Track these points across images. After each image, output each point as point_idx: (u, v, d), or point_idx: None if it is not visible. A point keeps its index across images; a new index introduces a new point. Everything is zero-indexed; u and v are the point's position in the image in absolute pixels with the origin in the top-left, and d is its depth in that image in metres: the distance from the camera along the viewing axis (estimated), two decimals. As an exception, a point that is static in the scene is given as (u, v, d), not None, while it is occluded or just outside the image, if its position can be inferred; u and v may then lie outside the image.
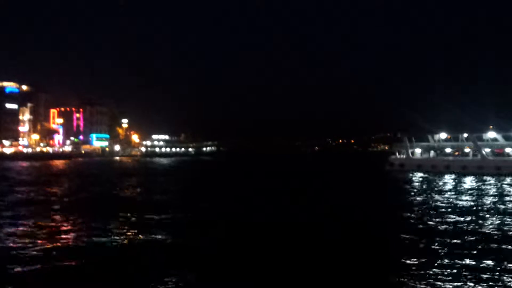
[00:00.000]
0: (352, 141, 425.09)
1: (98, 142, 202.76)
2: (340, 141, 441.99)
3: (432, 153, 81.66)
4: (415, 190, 50.02)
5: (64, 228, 26.79)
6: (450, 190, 48.70)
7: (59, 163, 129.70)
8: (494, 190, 48.99)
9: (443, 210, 33.86)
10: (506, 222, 28.14)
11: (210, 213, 33.25)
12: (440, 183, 57.66)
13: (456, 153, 78.47)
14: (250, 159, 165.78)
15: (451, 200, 40.01)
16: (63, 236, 24.29)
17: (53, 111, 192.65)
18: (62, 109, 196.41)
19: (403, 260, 19.15)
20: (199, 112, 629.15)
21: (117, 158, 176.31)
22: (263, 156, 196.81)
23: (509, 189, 49.44)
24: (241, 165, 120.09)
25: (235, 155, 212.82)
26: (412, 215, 31.45)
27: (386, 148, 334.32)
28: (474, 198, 41.36)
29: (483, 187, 52.32)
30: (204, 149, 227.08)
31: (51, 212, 32.55)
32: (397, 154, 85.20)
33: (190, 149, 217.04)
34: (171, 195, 45.53)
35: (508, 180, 60.68)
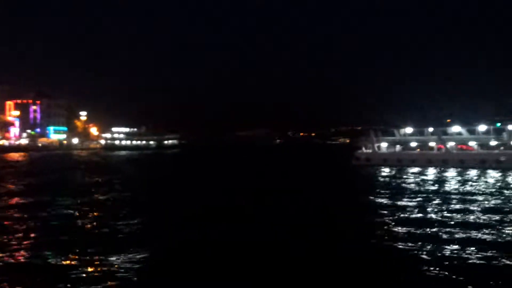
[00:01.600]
0: (313, 134, 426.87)
1: (55, 135, 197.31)
2: (301, 134, 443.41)
3: (398, 147, 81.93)
4: (382, 185, 49.93)
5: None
6: (415, 184, 48.97)
7: (15, 156, 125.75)
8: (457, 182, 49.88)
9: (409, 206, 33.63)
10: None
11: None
12: (405, 177, 57.77)
13: (418, 150, 78.56)
14: (211, 152, 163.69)
15: (414, 196, 39.74)
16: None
17: (9, 103, 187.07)
18: (19, 101, 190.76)
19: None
20: (160, 104, 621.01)
21: (76, 151, 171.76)
22: (224, 149, 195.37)
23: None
24: (202, 160, 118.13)
25: (197, 148, 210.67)
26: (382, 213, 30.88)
27: (347, 141, 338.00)
28: (437, 190, 42.48)
29: (447, 181, 52.47)
30: (166, 142, 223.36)
31: None
32: (363, 148, 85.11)
33: (151, 142, 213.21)
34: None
35: (471, 172, 61.55)
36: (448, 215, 29.30)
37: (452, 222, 26.84)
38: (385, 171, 69.03)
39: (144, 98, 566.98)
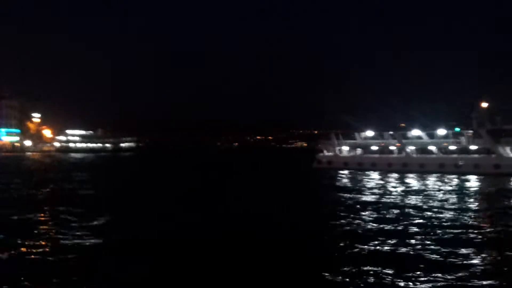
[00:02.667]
0: (270, 137, 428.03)
1: (7, 137, 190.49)
2: (258, 137, 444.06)
3: (358, 150, 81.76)
4: (343, 188, 49.74)
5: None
6: (375, 188, 48.87)
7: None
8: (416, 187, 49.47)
9: (368, 208, 33.88)
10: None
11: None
12: (365, 181, 57.56)
13: (378, 154, 78.59)
14: (169, 156, 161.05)
15: (375, 197, 40.26)
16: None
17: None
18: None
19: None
20: (118, 107, 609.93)
21: (29, 153, 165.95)
22: (181, 152, 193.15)
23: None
24: (159, 163, 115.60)
25: (153, 152, 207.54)
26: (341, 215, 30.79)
27: (305, 144, 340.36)
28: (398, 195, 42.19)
29: (406, 184, 52.70)
30: (123, 145, 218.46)
31: None
32: (324, 151, 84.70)
33: (107, 145, 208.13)
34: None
35: (430, 177, 61.66)
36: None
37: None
38: (345, 174, 68.96)
39: (101, 101, 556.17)
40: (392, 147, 77.50)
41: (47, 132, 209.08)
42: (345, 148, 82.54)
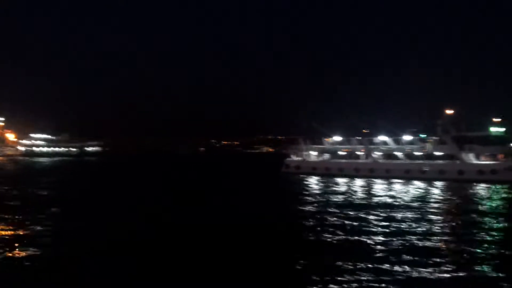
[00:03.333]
0: (236, 142, 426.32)
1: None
2: (224, 142, 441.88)
3: (326, 155, 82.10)
4: (310, 192, 50.02)
5: None
6: (342, 193, 49.38)
7: None
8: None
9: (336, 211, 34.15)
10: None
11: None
12: (332, 185, 57.94)
13: (346, 160, 79.10)
14: (133, 160, 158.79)
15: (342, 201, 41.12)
16: None
17: None
18: None
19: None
20: (85, 111, 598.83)
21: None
22: (147, 157, 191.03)
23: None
24: (124, 167, 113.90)
25: (119, 156, 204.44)
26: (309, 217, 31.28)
27: (270, 150, 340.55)
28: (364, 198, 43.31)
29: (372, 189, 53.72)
30: (88, 149, 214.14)
31: None
32: (293, 156, 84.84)
33: (73, 149, 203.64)
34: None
35: (396, 182, 62.50)
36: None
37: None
38: (313, 179, 69.12)
39: (69, 107, 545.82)
40: (359, 153, 78.13)
41: (10, 136, 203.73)
42: (313, 153, 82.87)
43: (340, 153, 79.94)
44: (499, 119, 70.60)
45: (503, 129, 69.99)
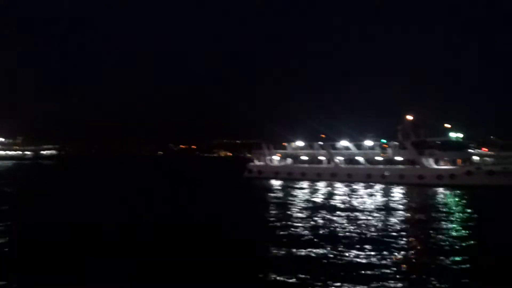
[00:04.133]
0: (194, 146, 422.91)
1: None
2: (181, 146, 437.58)
3: (289, 160, 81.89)
4: (273, 197, 49.53)
5: None
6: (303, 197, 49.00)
7: None
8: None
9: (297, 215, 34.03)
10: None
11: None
12: (294, 190, 57.44)
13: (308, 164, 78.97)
14: (89, 164, 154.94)
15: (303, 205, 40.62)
16: None
17: None
18: None
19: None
20: (40, 113, 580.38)
21: None
22: (104, 160, 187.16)
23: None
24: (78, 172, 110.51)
25: (76, 159, 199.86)
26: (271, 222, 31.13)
27: (229, 154, 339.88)
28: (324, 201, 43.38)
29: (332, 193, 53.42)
30: (44, 152, 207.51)
31: None
32: (255, 161, 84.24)
33: (27, 152, 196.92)
34: None
35: (357, 186, 62.76)
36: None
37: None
38: (276, 183, 68.76)
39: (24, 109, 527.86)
40: (321, 157, 78.19)
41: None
42: (276, 158, 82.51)
43: (302, 157, 79.84)
44: (450, 125, 72.17)
45: (461, 135, 71.50)
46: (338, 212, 36.23)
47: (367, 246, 23.11)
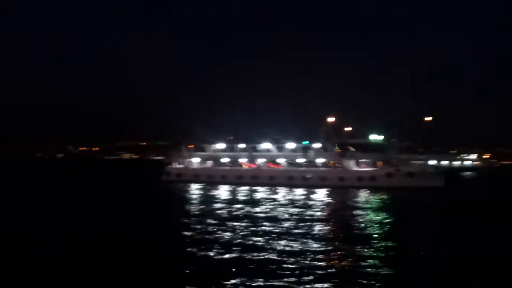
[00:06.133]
0: (96, 148, 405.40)
1: None
2: (80, 148, 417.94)
3: (209, 162, 78.99)
4: (191, 200, 47.36)
5: None
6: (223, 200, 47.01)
7: None
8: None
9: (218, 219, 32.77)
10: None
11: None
12: (214, 193, 55.12)
13: (229, 167, 76.58)
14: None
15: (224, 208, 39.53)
16: None
17: None
18: None
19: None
20: None
21: None
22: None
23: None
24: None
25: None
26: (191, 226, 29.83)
27: (135, 156, 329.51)
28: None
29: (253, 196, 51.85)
30: None
31: None
32: (174, 163, 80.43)
33: None
34: None
35: (279, 189, 61.05)
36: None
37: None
38: (195, 186, 65.72)
39: None
40: (242, 160, 76.22)
41: None
42: (196, 160, 79.32)
43: (223, 160, 77.39)
44: (351, 128, 73.36)
45: (381, 137, 72.49)
46: (254, 215, 35.42)
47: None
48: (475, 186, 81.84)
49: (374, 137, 71.40)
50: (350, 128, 72.00)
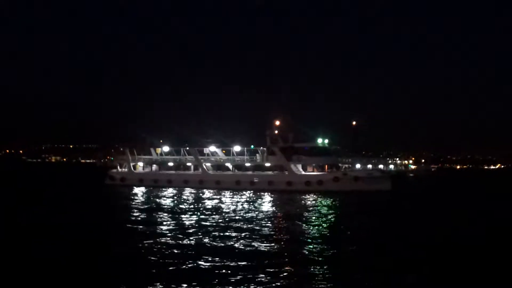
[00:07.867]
0: (21, 151, 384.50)
1: None
2: (7, 151, 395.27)
3: (154, 167, 76.84)
4: (135, 206, 45.06)
5: None
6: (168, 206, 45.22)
7: None
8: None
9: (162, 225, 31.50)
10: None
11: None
12: (159, 199, 52.86)
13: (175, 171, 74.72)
14: None
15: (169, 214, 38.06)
16: None
17: None
18: None
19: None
20: None
21: None
22: None
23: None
24: None
25: None
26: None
27: (64, 159, 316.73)
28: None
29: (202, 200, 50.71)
30: None
31: None
32: (118, 167, 77.54)
33: None
34: None
35: (225, 193, 60.19)
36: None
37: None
38: (139, 190, 63.60)
39: None
40: (188, 163, 74.73)
41: None
42: (140, 164, 76.96)
43: (169, 164, 75.52)
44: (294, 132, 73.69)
45: (327, 141, 72.94)
46: (200, 220, 34.28)
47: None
48: (421, 190, 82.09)
49: (321, 140, 71.75)
50: (293, 133, 71.84)
